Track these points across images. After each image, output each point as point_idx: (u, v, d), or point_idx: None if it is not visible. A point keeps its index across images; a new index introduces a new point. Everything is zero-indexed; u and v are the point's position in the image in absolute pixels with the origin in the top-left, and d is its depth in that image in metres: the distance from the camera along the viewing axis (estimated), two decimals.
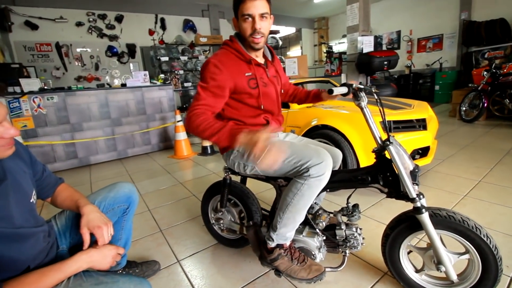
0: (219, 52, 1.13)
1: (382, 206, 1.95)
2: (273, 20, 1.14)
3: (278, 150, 0.81)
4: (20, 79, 3.28)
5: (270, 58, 1.24)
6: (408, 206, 0.98)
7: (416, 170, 0.92)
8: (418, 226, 0.99)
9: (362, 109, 0.92)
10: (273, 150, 0.79)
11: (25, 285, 0.73)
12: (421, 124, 2.22)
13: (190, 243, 1.69)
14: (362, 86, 0.88)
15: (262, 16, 1.05)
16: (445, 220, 0.94)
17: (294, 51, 10.53)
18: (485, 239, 0.91)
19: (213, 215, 1.55)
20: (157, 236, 1.81)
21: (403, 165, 0.91)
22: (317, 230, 1.16)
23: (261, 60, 1.20)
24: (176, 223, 1.96)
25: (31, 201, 0.87)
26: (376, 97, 0.92)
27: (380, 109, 0.93)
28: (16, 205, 0.80)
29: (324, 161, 0.97)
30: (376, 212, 1.86)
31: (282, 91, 1.33)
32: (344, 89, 0.88)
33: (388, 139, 0.94)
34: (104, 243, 0.88)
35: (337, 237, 1.14)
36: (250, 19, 1.05)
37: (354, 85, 0.88)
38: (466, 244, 0.95)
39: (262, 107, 1.16)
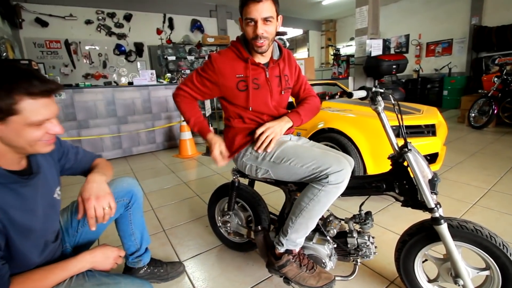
0: (223, 50, 1.17)
1: (388, 212, 1.91)
2: (282, 21, 1.12)
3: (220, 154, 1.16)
4: None
5: (276, 57, 1.18)
6: (416, 213, 0.94)
7: (435, 179, 0.88)
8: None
9: (379, 114, 0.89)
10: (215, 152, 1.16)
11: (32, 281, 0.74)
12: (430, 130, 2.17)
13: (193, 244, 1.67)
14: (381, 90, 0.85)
15: (266, 20, 1.01)
16: (472, 234, 0.90)
17: (301, 53, 10.50)
18: (511, 258, 0.87)
19: (220, 218, 1.53)
20: (160, 236, 1.79)
21: (422, 173, 0.88)
22: (328, 237, 1.13)
23: (265, 59, 1.16)
24: (179, 223, 1.95)
25: (54, 196, 0.89)
26: (393, 102, 0.89)
27: (397, 115, 0.90)
28: (42, 199, 0.81)
29: (345, 169, 0.95)
30: (382, 218, 1.82)
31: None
32: (363, 93, 0.85)
33: (406, 146, 0.91)
34: (92, 217, 0.84)
35: (349, 245, 1.11)
36: (252, 23, 1.02)
37: (373, 89, 0.85)
38: (489, 261, 0.91)
39: (251, 109, 1.16)
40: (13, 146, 0.71)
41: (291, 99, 1.35)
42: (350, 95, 0.84)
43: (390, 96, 0.88)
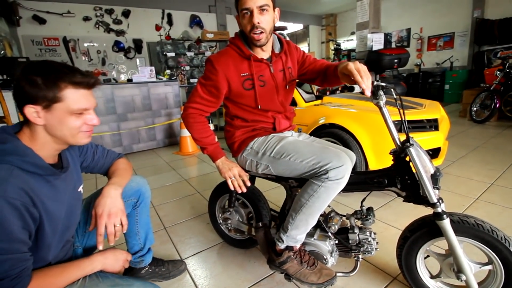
0: (222, 50, 1.13)
1: (390, 208, 1.90)
2: (280, 13, 1.08)
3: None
4: None
5: (277, 51, 1.16)
6: (418, 208, 0.93)
7: (438, 174, 0.87)
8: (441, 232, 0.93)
9: (380, 108, 0.87)
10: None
11: (49, 277, 0.77)
12: (432, 125, 2.15)
13: (194, 242, 1.66)
14: (383, 84, 0.84)
15: (261, 9, 0.99)
16: (473, 228, 0.90)
17: (302, 48, 10.40)
18: None
19: (220, 215, 1.52)
20: (161, 233, 1.79)
21: (424, 168, 0.86)
22: (329, 233, 1.12)
23: (267, 54, 1.13)
24: (181, 220, 1.94)
25: (78, 190, 0.94)
26: (395, 96, 0.87)
27: (399, 109, 0.88)
28: (69, 193, 0.87)
29: (345, 165, 0.94)
30: (384, 214, 1.82)
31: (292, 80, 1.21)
32: None
33: (408, 140, 0.89)
34: (101, 234, 0.86)
35: (350, 241, 1.10)
36: (248, 13, 1.00)
37: (374, 83, 0.84)
38: (491, 255, 0.91)
39: (260, 107, 1.14)
40: (56, 136, 0.76)
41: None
42: (351, 89, 0.83)
43: (392, 90, 0.86)
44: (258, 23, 0.99)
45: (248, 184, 1.18)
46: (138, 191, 1.13)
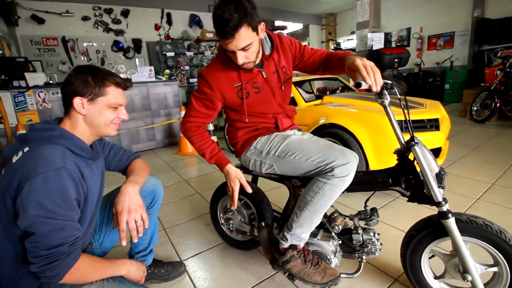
0: (211, 63, 1.13)
1: (392, 208, 1.89)
2: (265, 26, 1.02)
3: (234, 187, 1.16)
4: (25, 73, 3.27)
5: (268, 51, 1.11)
6: (419, 209, 0.92)
7: (442, 173, 0.86)
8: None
9: (385, 107, 0.86)
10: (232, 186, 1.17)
11: (94, 261, 0.85)
12: (433, 124, 2.14)
13: (194, 243, 1.65)
14: (389, 81, 0.83)
15: (244, 49, 0.94)
16: (481, 229, 0.88)
17: None
18: None
19: (222, 215, 1.51)
20: (160, 234, 1.75)
21: (429, 167, 0.85)
22: (333, 233, 1.11)
23: (257, 60, 1.08)
24: (180, 221, 1.93)
25: (103, 180, 1.01)
26: (399, 96, 0.86)
27: (403, 109, 0.87)
28: (100, 178, 0.95)
29: (350, 162, 0.93)
30: (385, 214, 1.80)
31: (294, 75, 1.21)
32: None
33: (412, 139, 0.89)
34: (122, 230, 0.89)
35: (354, 242, 1.09)
36: (232, 53, 0.97)
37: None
38: (498, 257, 0.90)
39: (247, 120, 1.14)
40: (93, 125, 0.88)
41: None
42: (358, 85, 0.82)
43: (396, 90, 0.85)
44: (243, 61, 0.97)
45: (236, 204, 1.22)
46: (153, 192, 1.15)
